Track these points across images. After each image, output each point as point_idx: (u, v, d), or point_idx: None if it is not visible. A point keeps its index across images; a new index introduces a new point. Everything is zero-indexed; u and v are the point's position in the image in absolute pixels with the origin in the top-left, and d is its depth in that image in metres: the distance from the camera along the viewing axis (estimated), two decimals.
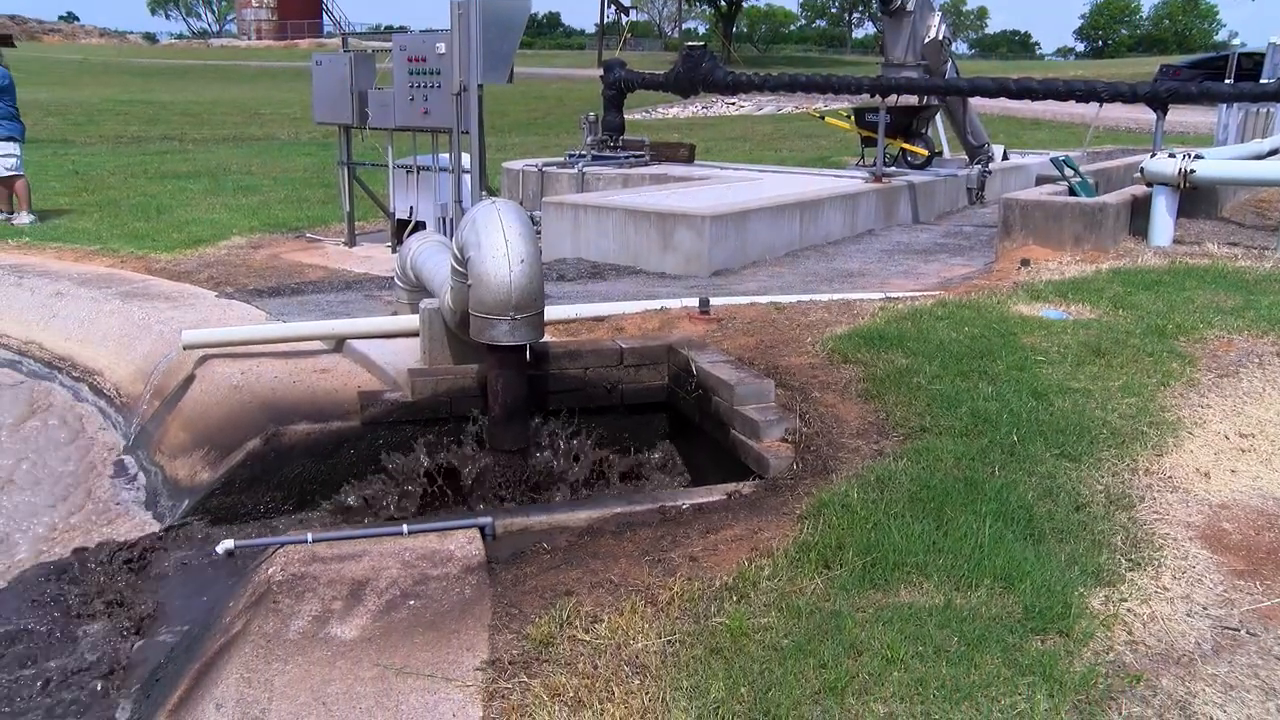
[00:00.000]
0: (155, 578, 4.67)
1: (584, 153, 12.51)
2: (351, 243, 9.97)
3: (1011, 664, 2.73)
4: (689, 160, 13.22)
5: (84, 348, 7.65)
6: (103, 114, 28.29)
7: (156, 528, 5.23)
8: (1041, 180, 10.76)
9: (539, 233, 8.85)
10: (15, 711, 3.80)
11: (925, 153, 12.75)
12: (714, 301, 6.33)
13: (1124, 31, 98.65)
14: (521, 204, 5.14)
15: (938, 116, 13.54)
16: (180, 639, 4.12)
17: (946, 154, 14.16)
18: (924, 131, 12.95)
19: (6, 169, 11.13)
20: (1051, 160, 10.04)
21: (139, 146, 20.82)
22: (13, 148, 11.12)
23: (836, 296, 6.78)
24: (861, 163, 13.26)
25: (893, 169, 12.28)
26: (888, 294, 6.86)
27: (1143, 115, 17.26)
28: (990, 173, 12.84)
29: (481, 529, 3.87)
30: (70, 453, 6.40)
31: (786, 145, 21.88)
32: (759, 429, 4.57)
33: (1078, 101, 10.96)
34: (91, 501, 5.69)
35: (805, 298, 6.70)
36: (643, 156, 12.67)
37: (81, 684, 3.93)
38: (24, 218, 11.28)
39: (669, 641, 2.93)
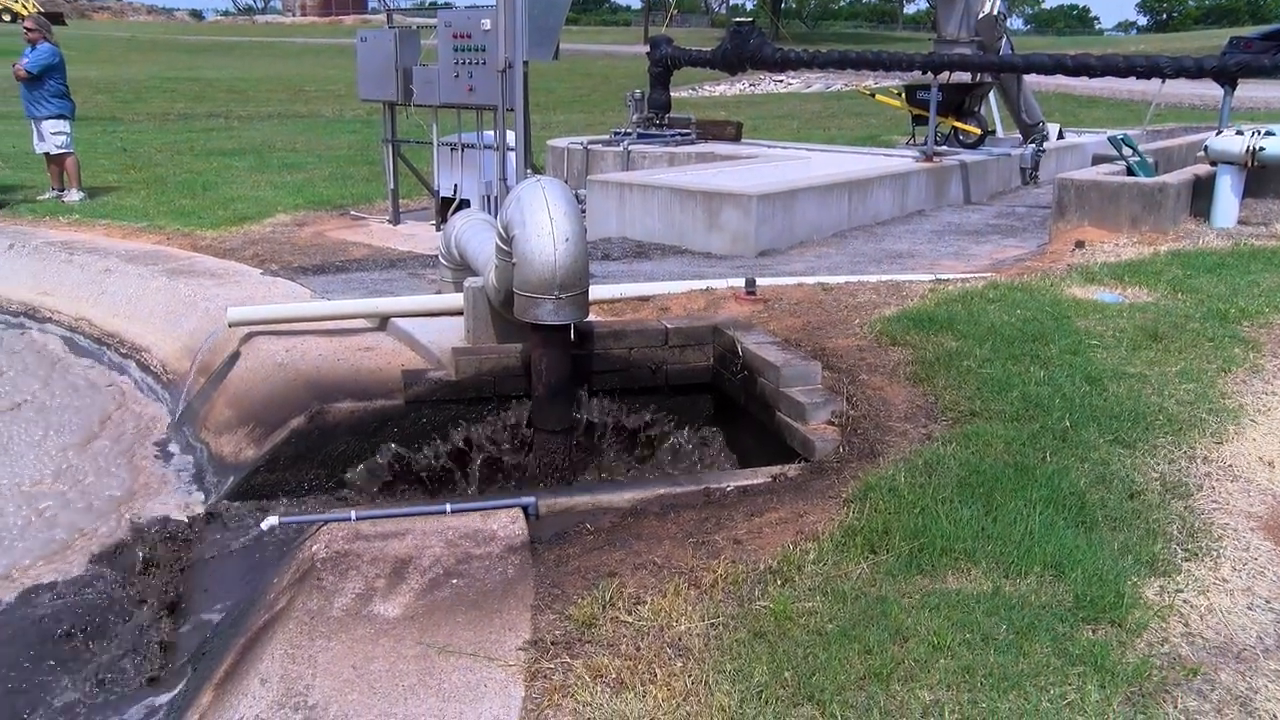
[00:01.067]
0: (201, 553, 4.76)
1: (629, 130, 12.47)
2: (396, 220, 10.05)
3: (1061, 653, 2.70)
4: (736, 139, 13.14)
5: (131, 324, 7.80)
6: (150, 91, 28.70)
7: (202, 504, 5.33)
8: (1098, 160, 10.55)
9: (583, 211, 8.86)
10: (66, 682, 3.90)
11: (978, 131, 12.57)
12: (760, 282, 6.31)
13: (1191, 3, 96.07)
14: (566, 182, 5.15)
15: (991, 94, 13.33)
16: (225, 614, 4.20)
17: (999, 133, 13.94)
18: (977, 110, 12.76)
19: (57, 147, 11.34)
20: (1109, 139, 9.85)
21: (185, 123, 21.10)
22: (63, 125, 11.32)
23: (885, 278, 6.72)
24: (912, 141, 13.10)
25: (944, 148, 12.12)
26: (938, 275, 6.79)
27: (1208, 91, 16.87)
28: (1044, 152, 12.62)
29: (525, 509, 3.90)
30: (118, 429, 6.53)
31: (835, 124, 21.66)
32: (805, 411, 4.55)
33: (1138, 78, 10.71)
34: (138, 477, 5.80)
35: (853, 279, 6.65)
36: (689, 135, 12.61)
37: (129, 657, 4.03)
38: (74, 195, 11.50)
39: (712, 624, 2.94)
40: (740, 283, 6.30)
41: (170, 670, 3.98)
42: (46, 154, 11.46)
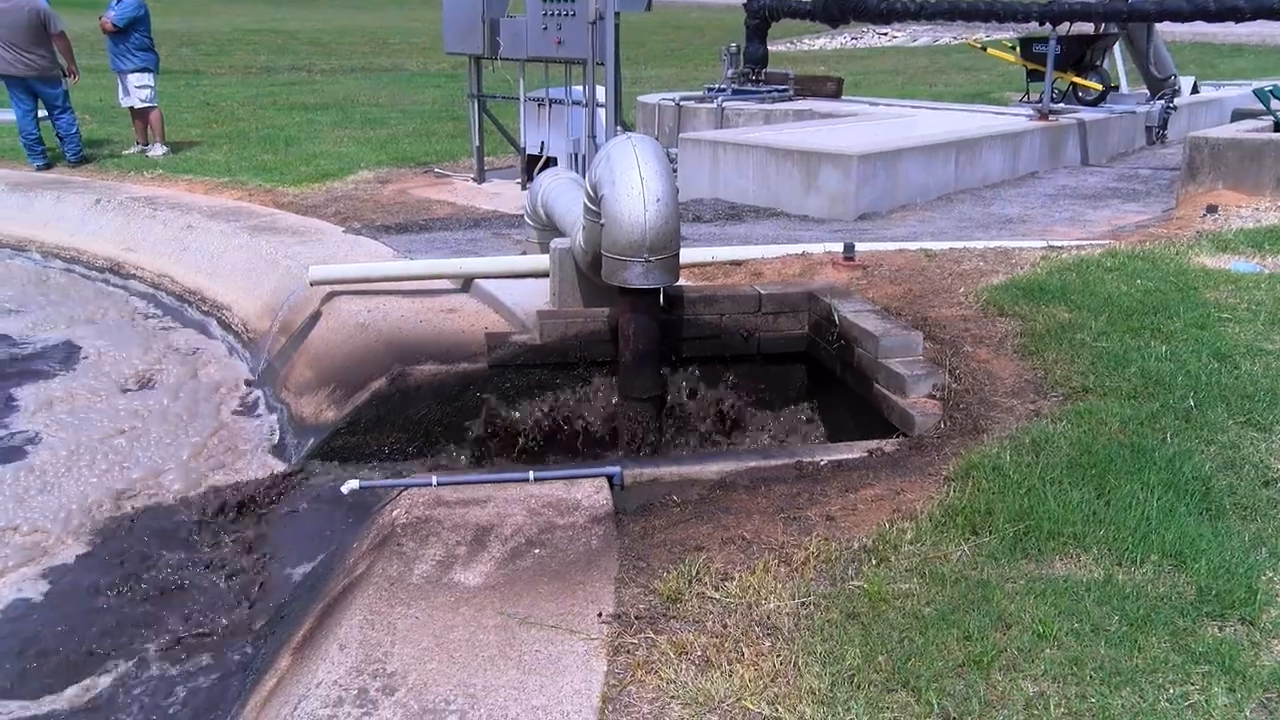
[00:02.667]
0: (281, 516, 4.92)
1: (724, 86, 12.36)
2: (480, 179, 10.15)
3: (1182, 649, 2.64)
4: (836, 95, 12.94)
5: (213, 281, 8.04)
6: (233, 44, 29.36)
7: (282, 466, 5.49)
8: (1240, 116, 10.10)
9: (675, 171, 8.84)
10: (143, 641, 4.07)
11: (1099, 87, 12.14)
12: (860, 247, 6.22)
13: None
14: (657, 140, 5.14)
15: (1116, 46, 12.84)
16: (304, 578, 4.33)
17: (1124, 88, 13.45)
18: (1099, 63, 12.31)
19: (142, 100, 11.70)
20: (1254, 92, 9.40)
21: (268, 77, 21.57)
22: (147, 79, 11.66)
23: (993, 244, 6.57)
24: (1026, 99, 12.70)
25: (1061, 105, 11.74)
26: (1050, 242, 6.62)
27: None
28: (1175, 108, 12.14)
29: (610, 478, 3.93)
30: (199, 389, 6.75)
31: (943, 79, 21.17)
32: (905, 384, 4.49)
33: None
34: (219, 438, 6.00)
35: (959, 245, 6.52)
36: (786, 91, 12.46)
37: (209, 618, 4.19)
38: (158, 149, 11.86)
39: (803, 603, 2.94)
40: (838, 247, 6.22)
41: (248, 632, 4.13)
42: (131, 108, 11.84)
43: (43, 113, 11.39)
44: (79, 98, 12.27)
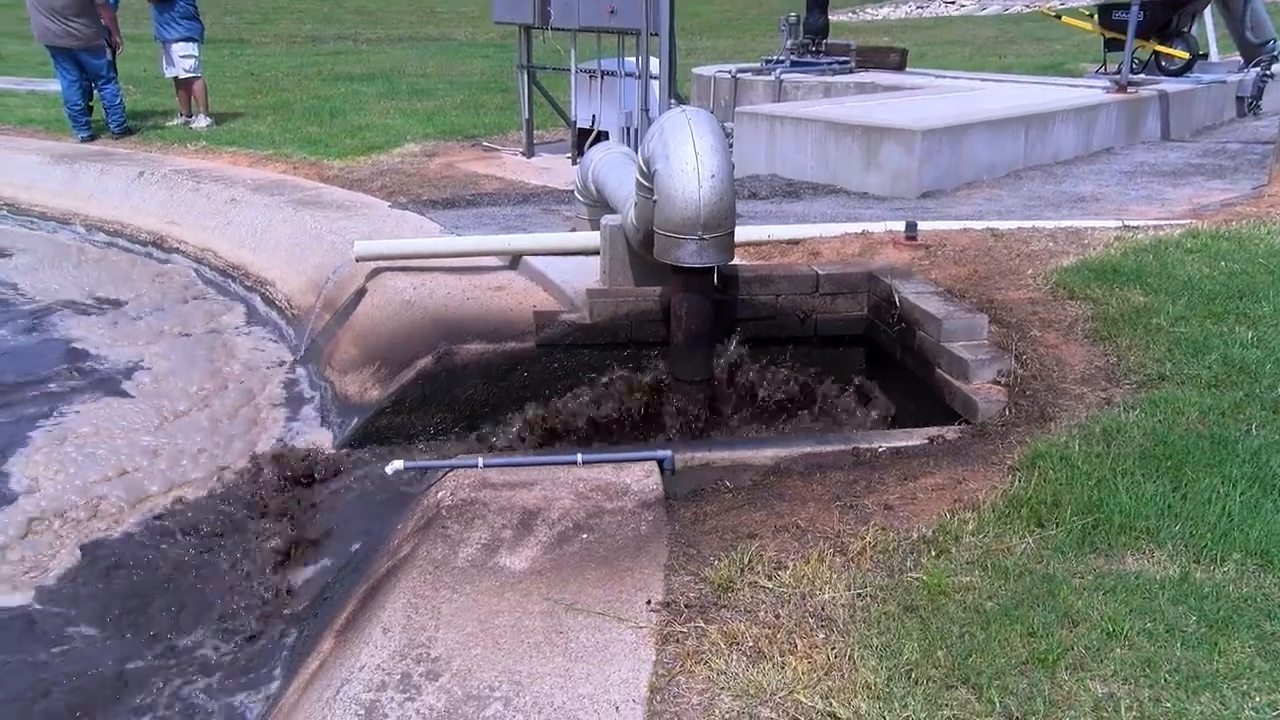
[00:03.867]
0: (324, 495, 4.98)
1: (782, 58, 12.27)
2: (530, 153, 10.17)
3: (1269, 654, 2.58)
4: (899, 67, 12.79)
5: (256, 256, 8.15)
6: (277, 12, 29.66)
7: (326, 444, 5.57)
8: None
9: (730, 146, 8.80)
10: (187, 626, 4.15)
11: (1185, 55, 11.80)
12: (922, 226, 6.16)
13: None
14: (712, 114, 5.11)
15: (1207, 9, 12.43)
16: (348, 559, 4.39)
17: (1214, 55, 13.06)
18: (1186, 29, 11.95)
19: (186, 70, 11.86)
20: None
21: (313, 46, 21.78)
22: (192, 48, 11.81)
23: (1064, 224, 6.47)
24: (1104, 70, 12.41)
25: (1141, 76, 11.46)
26: (1125, 222, 6.50)
27: None
28: (1272, 76, 11.73)
29: (660, 462, 3.94)
30: (241, 365, 6.86)
31: (1013, 50, 20.81)
32: (968, 369, 4.45)
33: None
34: (260, 416, 6.10)
35: (1027, 224, 6.43)
36: (847, 63, 12.33)
37: (250, 601, 4.26)
38: (201, 121, 12.03)
39: (859, 595, 2.93)
40: (899, 226, 6.16)
41: (290, 614, 4.20)
42: (175, 78, 12.01)
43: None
44: (123, 68, 12.48)
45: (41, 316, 7.73)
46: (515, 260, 6.37)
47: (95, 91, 11.65)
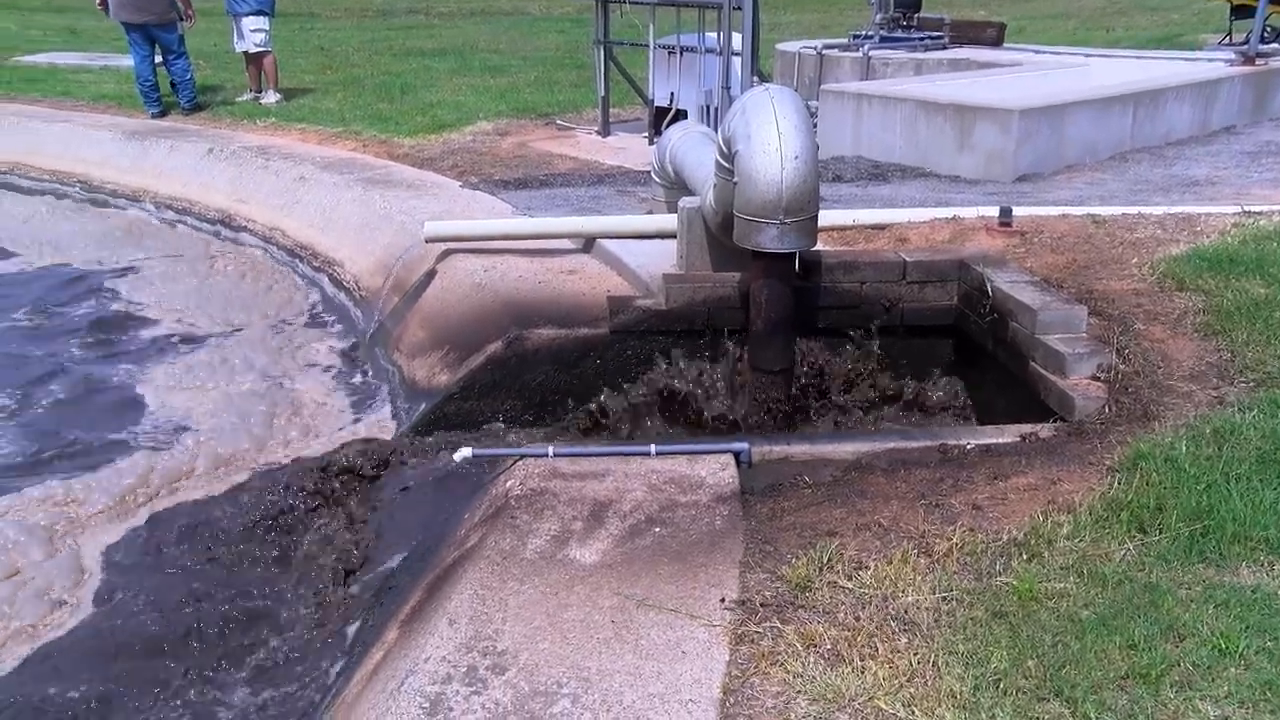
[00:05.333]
0: (390, 482, 5.05)
1: (871, 33, 12.11)
2: (605, 132, 10.19)
3: None
4: (996, 43, 12.55)
5: (325, 236, 8.29)
6: None
7: (393, 430, 5.65)
8: None
9: (814, 126, 8.73)
10: (247, 611, 4.25)
11: None
12: (1017, 212, 6.06)
13: None
14: (796, 92, 5.06)
15: None
16: (414, 548, 4.45)
17: None
18: None
19: (256, 45, 12.08)
20: None
21: (383, 21, 22.04)
22: (262, 22, 12.03)
23: (1174, 209, 6.31)
24: (1228, 40, 11.89)
25: (1272, 46, 11.00)
26: (1245, 207, 6.31)
27: None
28: None
29: (736, 455, 3.93)
30: (308, 348, 6.99)
31: (1123, 22, 20.30)
32: (1065, 363, 4.37)
33: None
34: (328, 399, 6.21)
35: (1132, 210, 6.28)
36: (940, 38, 12.14)
37: (317, 587, 4.35)
38: (271, 97, 12.25)
39: (944, 598, 2.90)
40: (993, 212, 6.07)
41: (357, 601, 4.27)
42: (245, 53, 12.24)
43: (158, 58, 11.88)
44: (193, 43, 12.75)
45: (99, 296, 7.97)
46: (589, 243, 6.39)
47: (166, 67, 11.92)
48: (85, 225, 9.94)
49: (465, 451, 4.27)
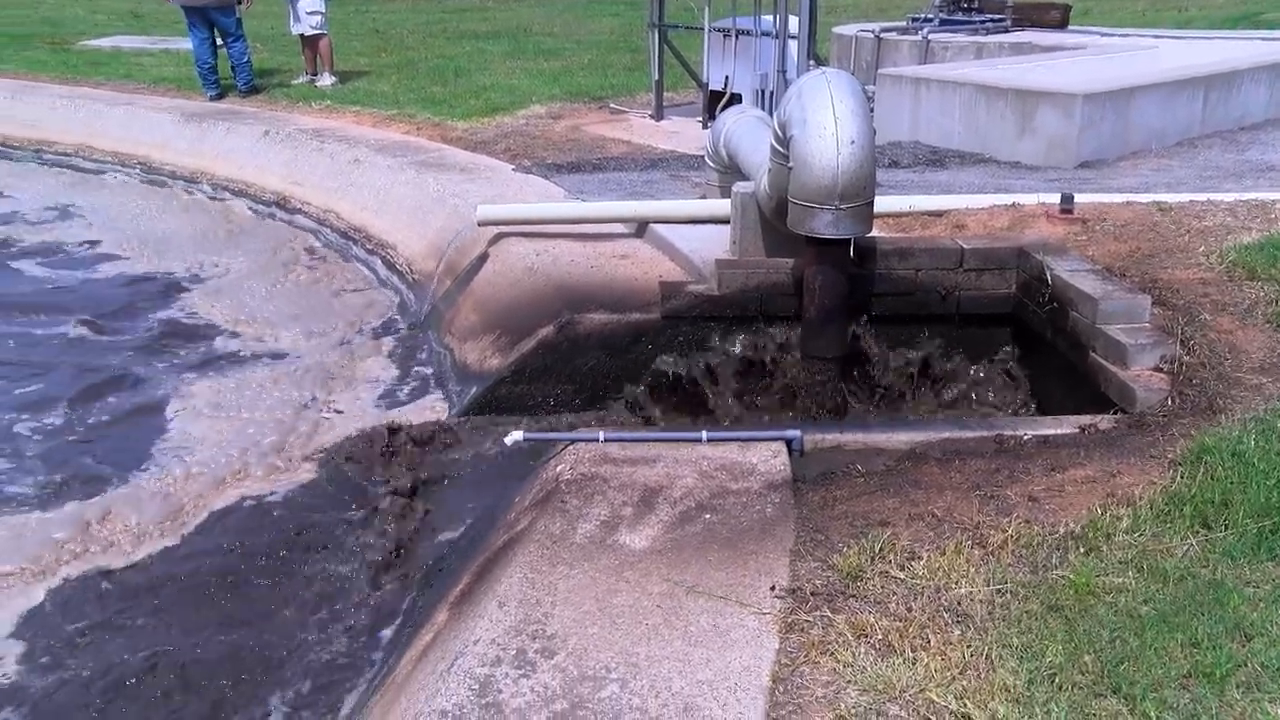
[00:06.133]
0: (441, 464, 5.10)
1: (930, 16, 11.98)
2: (659, 115, 10.17)
3: None
4: (1060, 25, 12.36)
5: (378, 219, 8.36)
6: None
7: (444, 412, 5.69)
8: None
9: (871, 110, 8.65)
10: (298, 591, 4.30)
11: None
12: (1079, 198, 5.97)
13: None
14: (853, 76, 5.02)
15: None
16: (464, 530, 4.49)
17: None
18: None
19: (312, 27, 12.20)
20: None
21: (439, 3, 22.14)
22: (319, 5, 12.14)
23: (1246, 196, 6.18)
24: None
25: None
26: None
27: None
28: None
29: (788, 443, 3.91)
30: (361, 330, 7.05)
31: (1197, 1, 19.85)
32: (1126, 353, 4.30)
33: None
34: (380, 381, 6.26)
35: (1201, 197, 6.16)
36: (1002, 21, 11.98)
37: (367, 567, 4.40)
38: (326, 79, 12.36)
39: (998, 591, 2.87)
40: (1053, 199, 5.99)
41: (406, 580, 4.31)
42: (301, 35, 12.37)
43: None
44: (251, 26, 12.90)
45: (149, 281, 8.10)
46: (641, 228, 6.38)
47: (225, 49, 12.07)
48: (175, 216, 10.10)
49: (516, 435, 4.28)
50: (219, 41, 11.98)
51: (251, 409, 5.84)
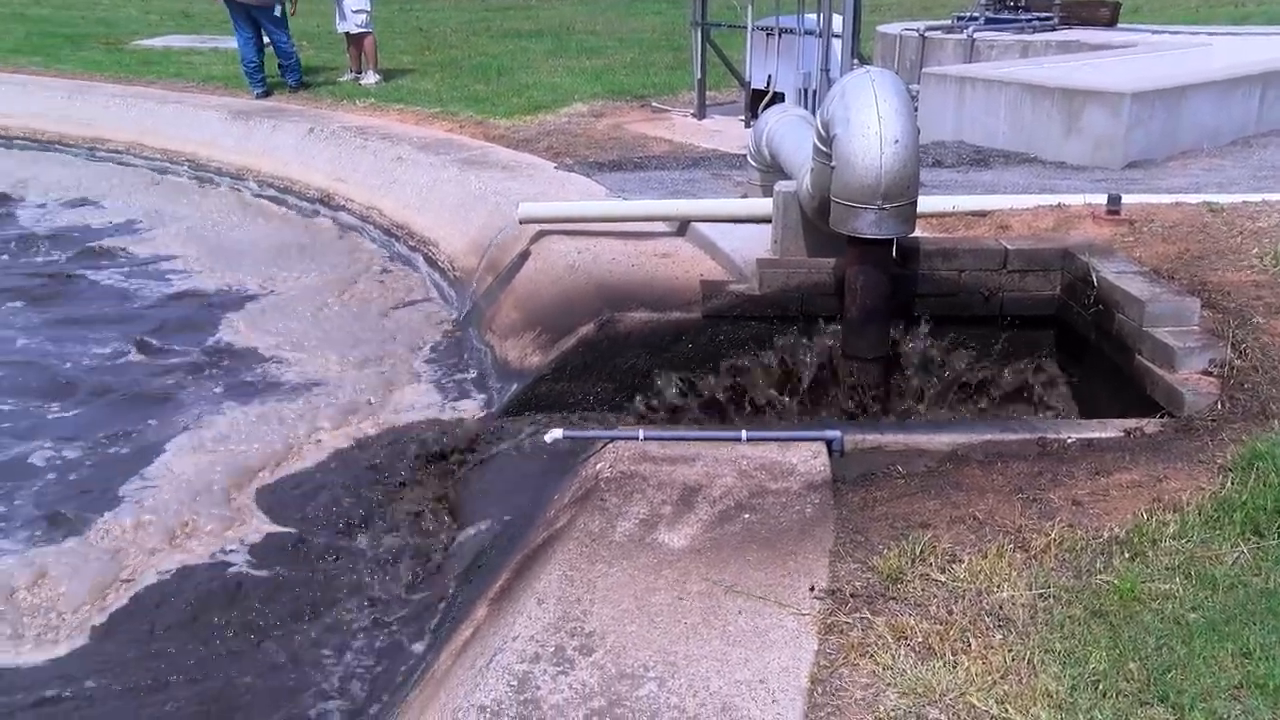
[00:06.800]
0: (480, 461, 5.12)
1: (976, 14, 11.86)
2: (701, 114, 10.15)
3: None
4: (1110, 23, 12.20)
5: (421, 216, 8.40)
6: None
7: (485, 410, 5.72)
8: None
9: (915, 110, 8.59)
10: (340, 586, 4.34)
11: None
12: (1126, 199, 5.89)
13: None
14: (897, 75, 4.99)
15: None
16: (503, 527, 4.51)
17: None
18: None
19: (358, 25, 12.29)
20: None
21: (482, 2, 22.24)
22: (364, 3, 12.23)
23: None
24: None
25: None
26: None
27: None
28: None
29: (828, 443, 3.89)
30: (403, 327, 7.10)
31: None
32: (1174, 356, 4.24)
33: None
34: (421, 377, 6.30)
35: (1255, 197, 6.05)
36: (1049, 19, 11.85)
37: (405, 562, 4.43)
38: (370, 77, 12.45)
39: (1040, 594, 2.84)
40: (1100, 199, 5.91)
41: (445, 578, 4.33)
42: (346, 33, 12.46)
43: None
44: (297, 24, 13.02)
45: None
46: (683, 226, 6.38)
47: (272, 47, 12.18)
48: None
49: (556, 433, 4.29)
50: (265, 39, 12.10)
51: (280, 405, 5.90)
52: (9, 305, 7.53)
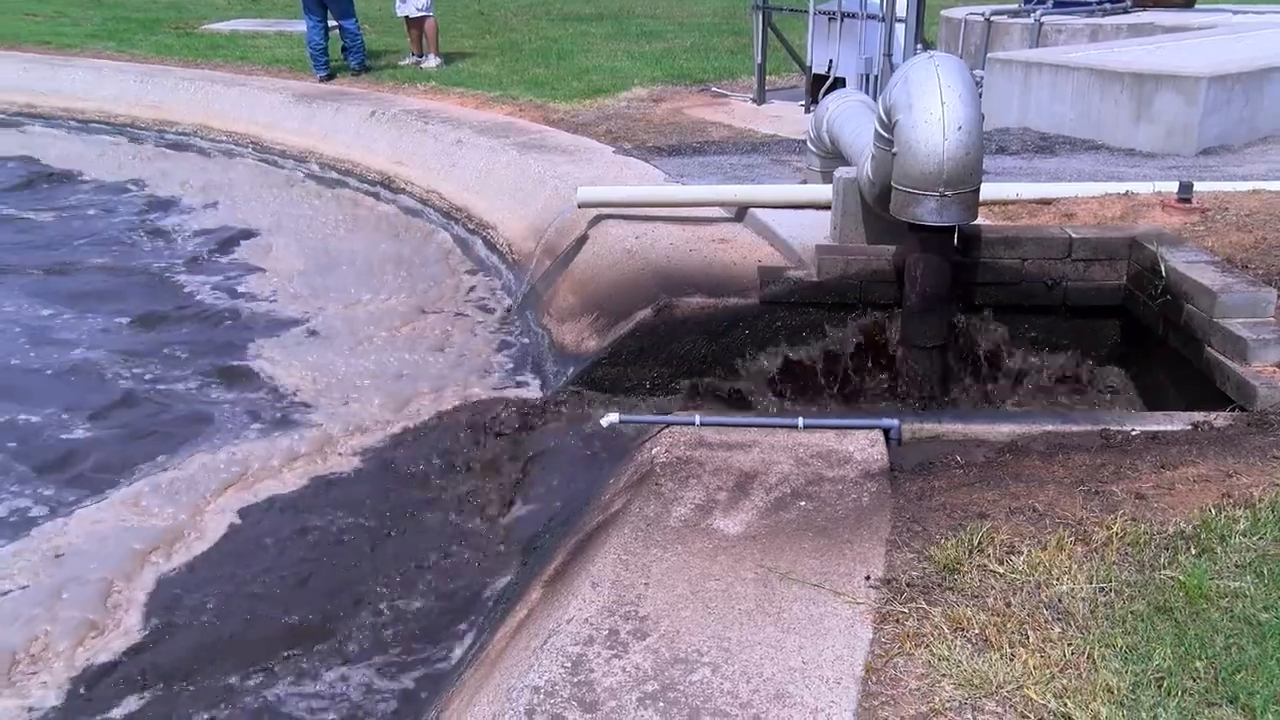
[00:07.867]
0: (537, 444, 5.14)
1: None
2: (760, 99, 10.10)
3: None
4: (1187, 4, 11.94)
5: (480, 199, 8.44)
6: None
7: (541, 393, 5.74)
8: None
9: (980, 96, 8.47)
10: (403, 568, 4.38)
11: None
12: (1199, 187, 5.77)
13: None
14: (962, 60, 4.92)
15: None
16: (558, 510, 4.53)
17: None
18: None
19: (418, 9, 12.36)
20: None
21: None
22: None
23: None
24: None
25: None
26: None
27: None
28: None
29: (886, 431, 3.87)
30: (461, 309, 7.14)
31: None
32: (1247, 349, 4.15)
33: None
34: (479, 360, 6.34)
35: None
36: (1122, 1, 11.63)
37: (463, 544, 4.46)
38: (431, 60, 12.53)
39: (1101, 588, 2.79)
40: (1170, 187, 5.80)
41: (502, 560, 4.36)
42: (407, 17, 12.54)
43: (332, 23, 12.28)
44: (361, 7, 13.12)
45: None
46: (741, 212, 6.35)
47: (339, 30, 12.29)
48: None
49: (612, 417, 4.30)
50: (331, 23, 12.21)
51: (353, 380, 5.97)
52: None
